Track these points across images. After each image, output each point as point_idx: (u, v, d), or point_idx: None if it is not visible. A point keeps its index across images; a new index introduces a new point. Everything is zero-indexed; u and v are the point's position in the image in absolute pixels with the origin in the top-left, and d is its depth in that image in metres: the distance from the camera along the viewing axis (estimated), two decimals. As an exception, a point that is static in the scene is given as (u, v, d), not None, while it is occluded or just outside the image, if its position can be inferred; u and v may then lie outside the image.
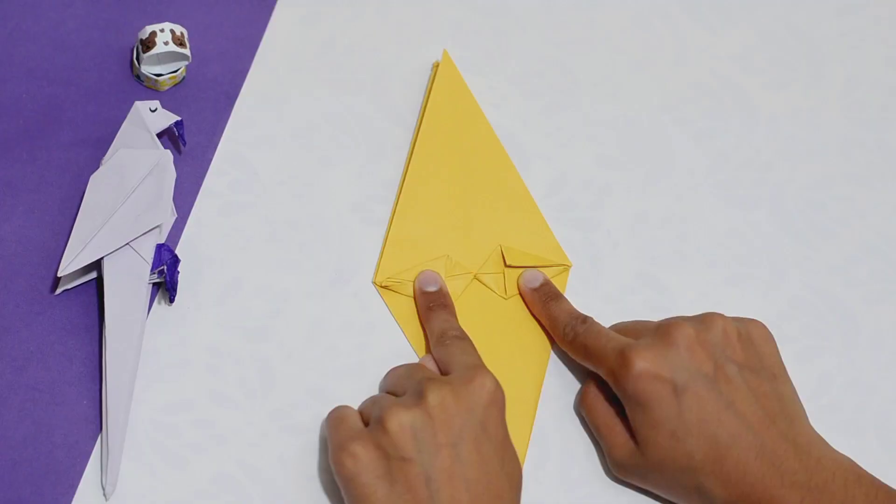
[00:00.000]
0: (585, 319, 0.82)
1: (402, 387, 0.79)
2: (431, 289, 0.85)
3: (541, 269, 0.86)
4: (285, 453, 0.81)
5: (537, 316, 0.85)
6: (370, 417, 0.77)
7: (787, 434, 0.76)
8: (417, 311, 0.85)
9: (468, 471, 0.74)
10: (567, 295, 0.86)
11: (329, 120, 0.91)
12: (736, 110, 0.94)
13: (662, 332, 0.78)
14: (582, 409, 0.82)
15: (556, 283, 0.87)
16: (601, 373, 0.79)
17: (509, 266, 0.86)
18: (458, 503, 0.73)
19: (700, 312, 0.81)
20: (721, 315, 0.80)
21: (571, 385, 0.84)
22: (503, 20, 0.96)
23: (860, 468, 0.76)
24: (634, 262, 0.88)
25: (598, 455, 0.82)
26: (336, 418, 0.78)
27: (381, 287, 0.86)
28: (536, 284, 0.85)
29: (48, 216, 0.86)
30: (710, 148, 0.92)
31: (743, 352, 0.79)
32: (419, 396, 0.76)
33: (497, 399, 0.77)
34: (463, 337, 0.82)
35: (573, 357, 0.82)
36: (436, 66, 0.92)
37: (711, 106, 0.94)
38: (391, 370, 0.82)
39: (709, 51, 0.96)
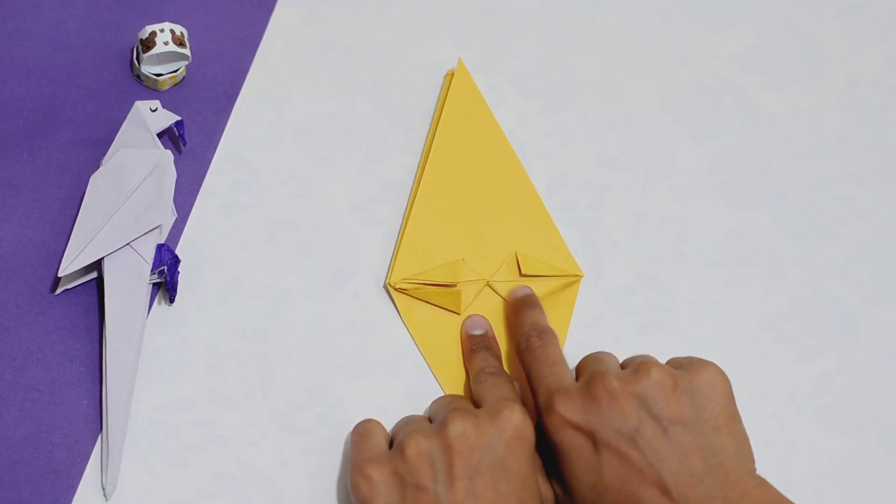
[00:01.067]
0: (543, 334, 0.80)
1: (435, 414, 0.78)
2: (477, 332, 0.84)
3: (553, 278, 0.86)
4: (285, 453, 0.81)
5: (509, 323, 0.84)
6: (396, 439, 0.77)
7: (716, 494, 0.73)
8: (462, 352, 0.84)
9: None
10: (567, 295, 0.87)
11: (329, 120, 0.91)
12: (736, 110, 0.94)
13: (591, 380, 0.76)
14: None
15: (567, 293, 0.86)
16: (535, 399, 0.78)
17: (524, 276, 0.86)
18: None
19: (635, 358, 0.79)
20: (658, 365, 0.76)
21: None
22: (503, 20, 0.96)
23: None
24: (634, 262, 0.88)
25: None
26: (360, 434, 0.78)
27: (394, 289, 0.86)
28: (520, 295, 0.85)
29: (48, 216, 0.86)
30: (710, 148, 0.92)
31: (677, 404, 0.75)
32: (442, 426, 0.75)
33: (522, 435, 0.75)
34: (499, 374, 0.80)
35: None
36: (450, 73, 0.93)
37: (711, 106, 0.94)
38: (438, 397, 0.81)
39: (709, 51, 0.96)
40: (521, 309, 0.84)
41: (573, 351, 0.85)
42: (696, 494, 0.73)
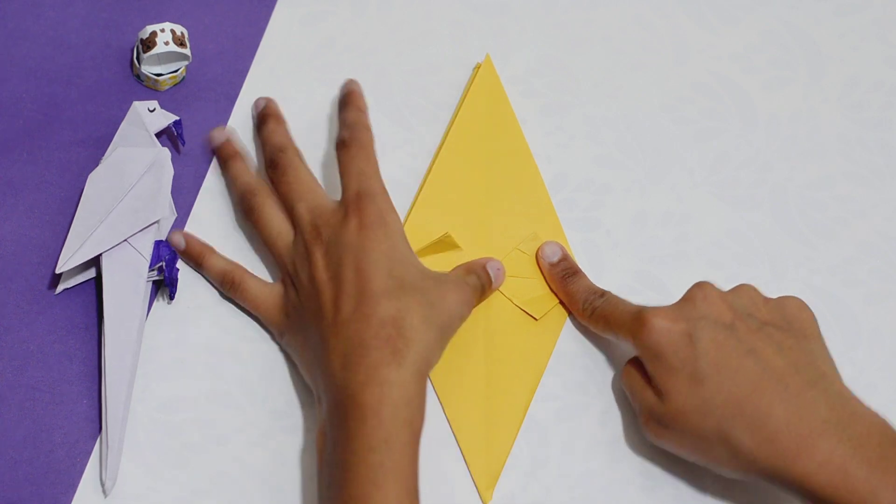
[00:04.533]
0: (604, 294, 0.83)
1: None
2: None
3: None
4: (285, 453, 0.81)
5: (555, 291, 0.86)
6: None
7: (815, 383, 0.75)
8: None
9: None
10: (567, 294, 0.87)
11: (329, 120, 0.91)
12: (736, 110, 0.94)
13: (685, 293, 0.80)
14: (621, 381, 0.82)
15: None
16: (622, 337, 0.80)
17: (524, 276, 0.86)
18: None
19: None
20: (751, 285, 0.80)
21: (571, 385, 0.84)
22: (503, 20, 0.96)
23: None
24: (634, 262, 0.88)
25: (599, 455, 0.82)
26: None
27: None
28: (555, 259, 0.86)
29: (48, 216, 0.86)
30: (710, 148, 0.92)
31: (769, 314, 0.79)
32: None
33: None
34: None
35: (594, 330, 0.83)
36: (477, 67, 0.93)
37: (711, 106, 0.94)
38: None
39: (709, 51, 0.96)
40: (564, 279, 0.85)
41: (573, 349, 0.85)
42: (796, 382, 0.75)
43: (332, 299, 0.78)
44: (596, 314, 0.83)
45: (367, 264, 0.78)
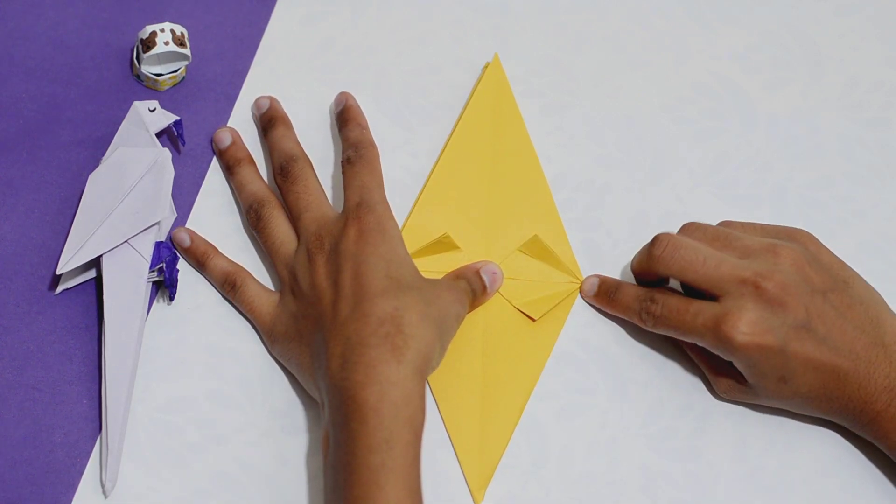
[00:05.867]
0: (653, 298, 0.82)
1: None
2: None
3: (553, 282, 0.86)
4: (285, 453, 0.81)
5: (611, 313, 0.85)
6: None
7: (876, 339, 0.80)
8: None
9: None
10: (567, 294, 0.87)
11: (329, 120, 0.91)
12: (736, 110, 0.94)
13: (748, 288, 0.79)
14: (686, 349, 0.84)
15: (565, 298, 0.86)
16: (700, 343, 0.81)
17: (524, 278, 0.86)
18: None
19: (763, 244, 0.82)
20: (779, 245, 0.81)
21: (571, 385, 0.84)
22: (503, 20, 0.96)
23: None
24: (634, 262, 0.88)
25: (599, 455, 0.82)
26: None
27: None
28: (594, 290, 0.86)
29: (48, 216, 0.86)
30: (710, 148, 0.92)
31: (817, 275, 0.80)
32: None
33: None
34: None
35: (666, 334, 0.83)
36: (486, 67, 0.93)
37: (711, 106, 0.94)
38: None
39: (709, 51, 0.96)
40: (610, 299, 0.85)
41: (573, 349, 0.85)
42: (863, 343, 0.80)
43: (332, 303, 0.78)
44: (659, 324, 0.82)
45: (365, 268, 0.78)
